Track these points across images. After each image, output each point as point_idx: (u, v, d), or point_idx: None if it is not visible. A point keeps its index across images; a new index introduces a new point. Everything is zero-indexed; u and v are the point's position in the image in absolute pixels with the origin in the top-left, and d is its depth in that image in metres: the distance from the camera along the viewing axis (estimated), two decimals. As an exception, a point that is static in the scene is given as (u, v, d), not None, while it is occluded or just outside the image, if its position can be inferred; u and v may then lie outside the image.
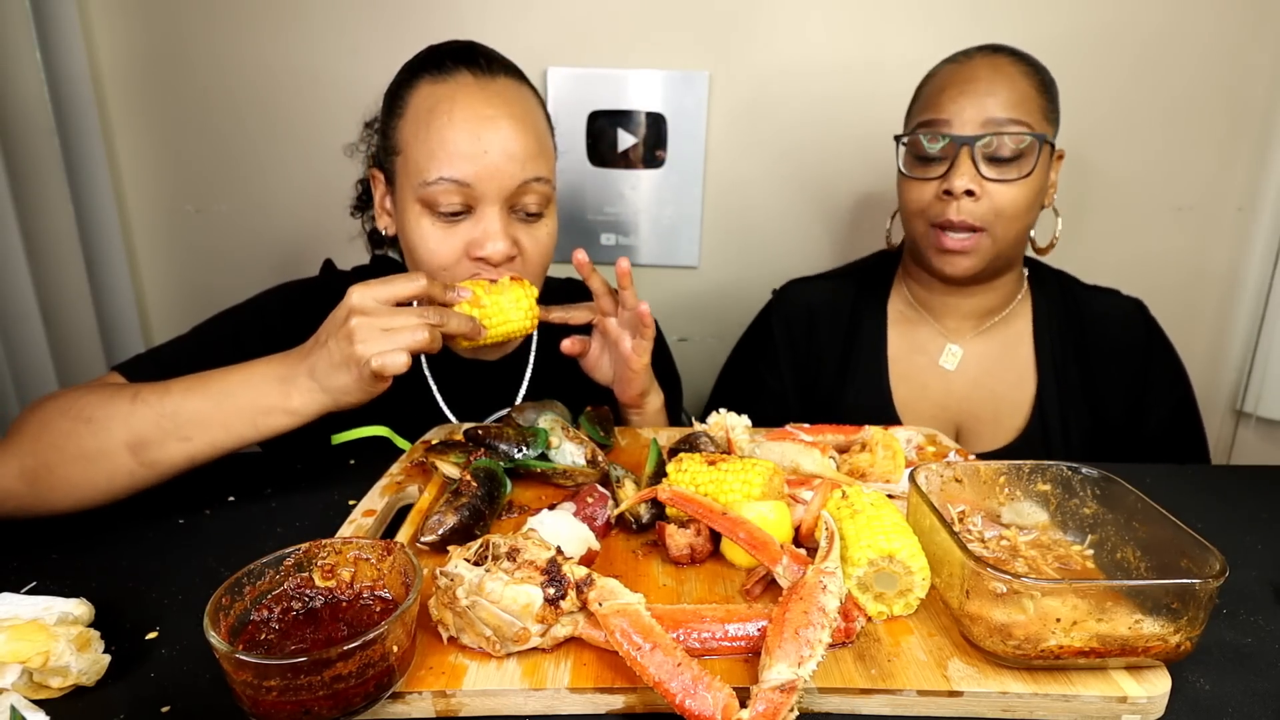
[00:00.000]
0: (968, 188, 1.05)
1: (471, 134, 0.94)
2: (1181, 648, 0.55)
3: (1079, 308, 1.22)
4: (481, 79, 0.98)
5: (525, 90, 1.03)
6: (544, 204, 1.01)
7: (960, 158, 1.06)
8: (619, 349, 1.04)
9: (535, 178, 0.98)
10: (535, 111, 1.02)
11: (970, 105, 1.06)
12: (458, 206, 0.96)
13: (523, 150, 0.96)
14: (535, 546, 0.60)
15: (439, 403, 1.13)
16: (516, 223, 1.00)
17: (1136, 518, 0.65)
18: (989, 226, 1.08)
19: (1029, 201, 1.08)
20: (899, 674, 0.57)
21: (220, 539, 0.81)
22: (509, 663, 0.58)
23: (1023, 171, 1.06)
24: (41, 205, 1.52)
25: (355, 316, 0.82)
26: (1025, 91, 1.07)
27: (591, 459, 0.88)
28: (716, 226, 1.73)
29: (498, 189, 0.96)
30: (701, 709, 0.49)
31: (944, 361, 1.22)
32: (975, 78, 1.08)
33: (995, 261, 1.12)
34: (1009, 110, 1.05)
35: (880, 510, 0.67)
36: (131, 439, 0.82)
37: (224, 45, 1.62)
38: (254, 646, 0.53)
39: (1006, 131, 1.04)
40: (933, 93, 1.12)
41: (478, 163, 0.94)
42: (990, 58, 1.09)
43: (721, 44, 1.61)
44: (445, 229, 0.98)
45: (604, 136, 1.66)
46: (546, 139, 1.03)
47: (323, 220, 1.72)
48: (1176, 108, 1.61)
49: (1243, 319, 1.74)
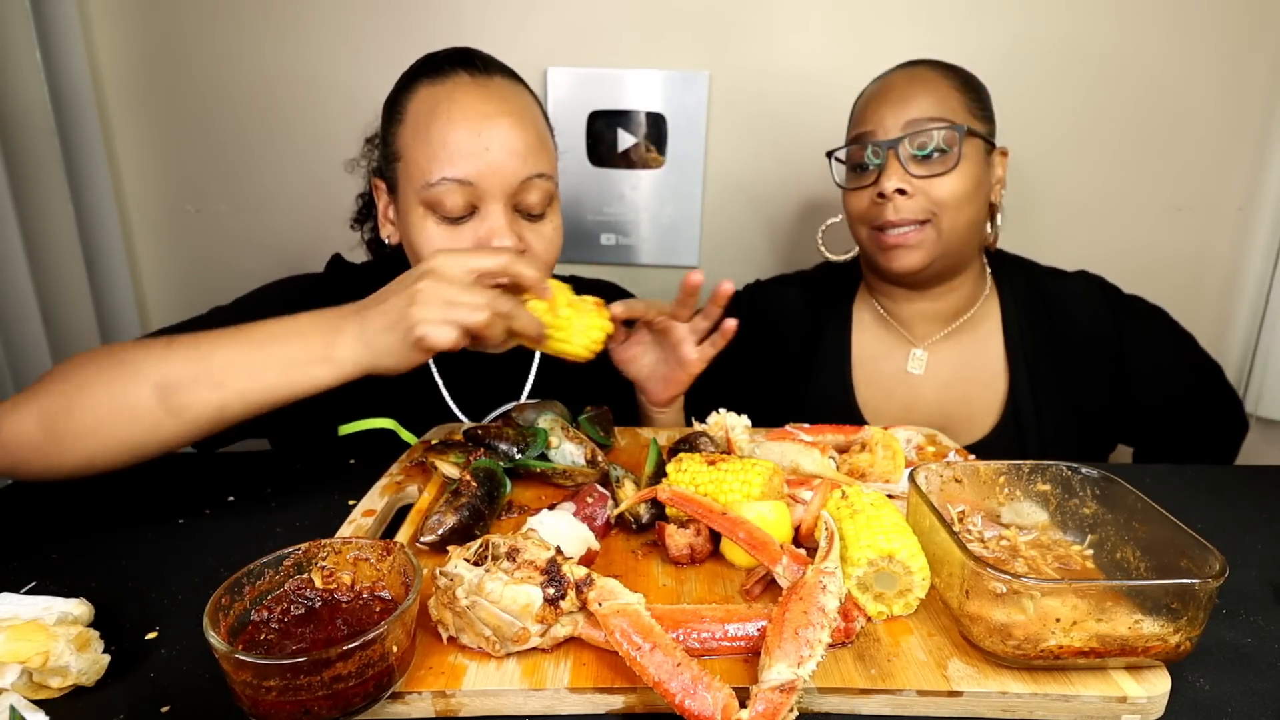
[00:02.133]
0: (898, 186, 1.08)
1: (471, 132, 0.94)
2: (1181, 648, 0.55)
3: (1044, 297, 1.23)
4: (479, 78, 0.98)
5: (522, 90, 1.03)
6: (547, 201, 1.01)
7: (888, 161, 1.10)
8: (679, 350, 1.02)
9: (538, 174, 0.97)
10: (534, 110, 1.02)
11: (890, 113, 1.10)
12: (461, 208, 0.96)
13: (524, 146, 0.96)
14: (535, 546, 0.60)
15: (444, 395, 1.13)
16: (522, 221, 1.00)
17: (1136, 518, 0.65)
18: (932, 218, 1.10)
19: (965, 192, 1.09)
20: (899, 674, 0.57)
21: (220, 539, 0.81)
22: (509, 663, 0.58)
23: (948, 165, 1.08)
24: (41, 205, 1.52)
25: (428, 279, 0.78)
26: (943, 92, 1.11)
27: (591, 459, 0.89)
28: (716, 226, 1.73)
29: (500, 186, 0.95)
30: (701, 709, 0.49)
31: (911, 367, 1.23)
32: (893, 86, 1.13)
33: (944, 257, 1.13)
34: (927, 110, 1.09)
35: (880, 510, 0.67)
36: (161, 380, 0.77)
37: (224, 46, 1.62)
38: (254, 646, 0.53)
39: (925, 128, 1.08)
40: (859, 109, 1.18)
41: (479, 160, 0.94)
42: (907, 69, 1.15)
43: (721, 44, 1.61)
44: (451, 232, 0.97)
45: (604, 136, 1.66)
46: (547, 137, 1.03)
47: (322, 220, 1.72)
48: (1177, 108, 1.61)
49: (1243, 319, 1.74)
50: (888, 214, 1.10)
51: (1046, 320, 1.21)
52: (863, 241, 1.19)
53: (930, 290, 1.20)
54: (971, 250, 1.17)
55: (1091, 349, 1.20)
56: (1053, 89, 1.59)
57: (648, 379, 1.07)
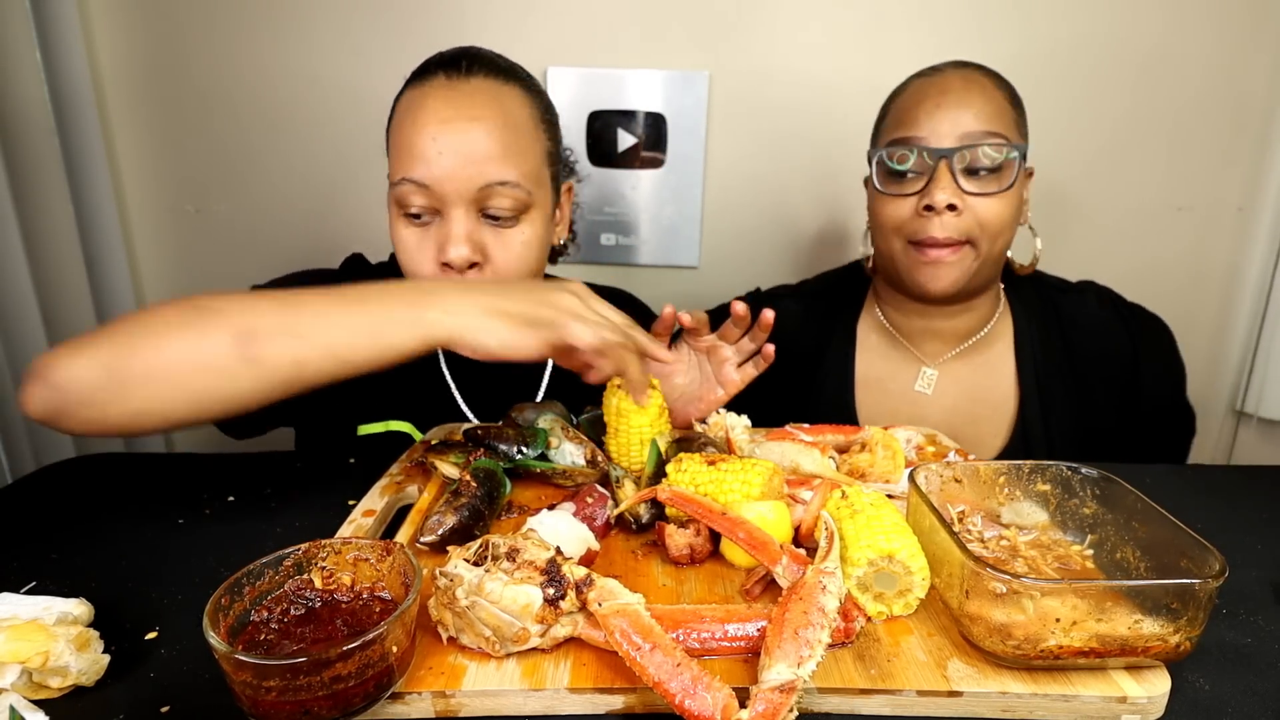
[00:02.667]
0: (950, 202, 1.02)
1: (428, 136, 0.93)
2: (1181, 648, 0.55)
3: (1056, 313, 1.19)
4: (454, 80, 0.97)
5: (508, 91, 0.99)
6: (518, 209, 0.98)
7: (939, 171, 1.02)
8: (721, 370, 1.00)
9: (499, 181, 0.95)
10: (511, 114, 0.98)
11: (946, 119, 1.03)
12: (424, 209, 0.96)
13: (481, 153, 0.94)
14: (535, 547, 0.60)
15: (457, 400, 1.13)
16: (487, 228, 0.98)
17: (1136, 518, 0.65)
18: (974, 240, 1.05)
19: (1010, 216, 1.05)
20: (898, 674, 0.57)
21: (220, 539, 0.81)
22: (508, 663, 0.58)
23: (1003, 184, 1.03)
24: (41, 205, 1.52)
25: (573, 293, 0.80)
26: (1000, 104, 1.04)
27: (591, 459, 0.89)
28: (716, 226, 1.73)
29: (456, 192, 0.94)
30: (701, 709, 0.49)
31: (919, 386, 1.18)
32: (948, 89, 1.04)
33: (976, 279, 1.08)
34: (985, 123, 1.02)
35: (880, 510, 0.67)
36: (242, 326, 0.72)
37: (224, 45, 1.62)
38: (253, 647, 0.53)
39: (985, 143, 1.01)
40: (905, 108, 1.08)
41: (433, 165, 0.93)
42: (962, 71, 1.07)
43: (721, 44, 1.61)
44: (419, 232, 0.98)
45: (604, 136, 1.66)
46: (522, 142, 0.98)
47: (323, 220, 1.72)
48: (1176, 108, 1.61)
49: (1243, 319, 1.74)
50: (933, 229, 1.03)
51: (1059, 338, 1.17)
52: (894, 253, 1.10)
53: (948, 308, 1.15)
54: (997, 273, 1.13)
55: (1104, 367, 1.16)
56: (1052, 89, 1.59)
57: (679, 398, 1.03)
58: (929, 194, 1.02)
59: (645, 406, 0.88)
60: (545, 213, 1.03)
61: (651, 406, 0.89)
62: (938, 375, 1.17)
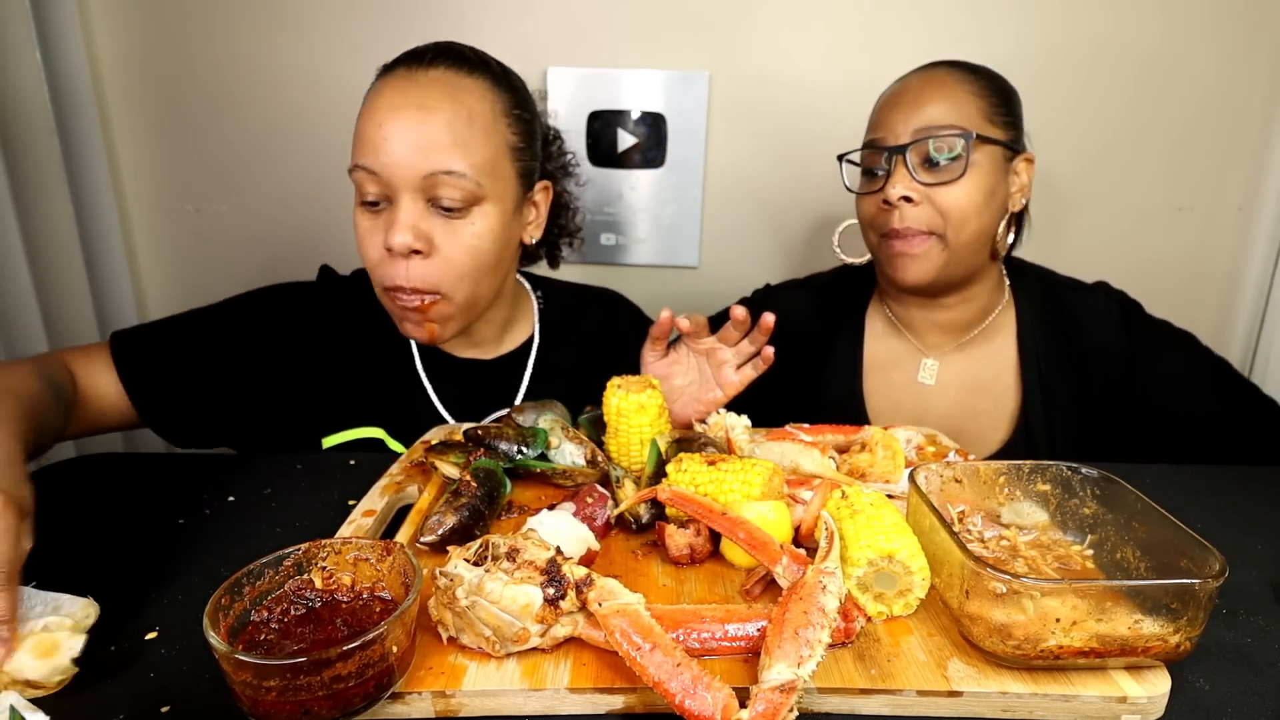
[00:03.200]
0: (903, 194, 1.06)
1: (376, 123, 0.95)
2: (1181, 648, 0.55)
3: (1060, 309, 1.20)
4: (413, 71, 0.98)
5: (469, 83, 0.98)
6: (468, 201, 0.97)
7: (895, 167, 1.07)
8: (720, 372, 1.01)
9: (444, 170, 0.94)
10: (466, 105, 0.96)
11: (902, 119, 1.08)
12: (376, 195, 0.97)
13: (426, 141, 0.94)
14: (535, 547, 0.60)
15: (434, 403, 1.13)
16: (436, 218, 0.97)
17: (1136, 518, 0.65)
18: (939, 230, 1.07)
19: (975, 203, 1.06)
20: (899, 674, 0.57)
21: (220, 539, 0.81)
22: (508, 663, 0.58)
23: (955, 173, 1.05)
24: (41, 205, 1.52)
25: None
26: (960, 97, 1.07)
27: (591, 459, 0.89)
28: (716, 226, 1.73)
29: (401, 180, 0.95)
30: (701, 709, 0.49)
31: (921, 377, 1.21)
32: (906, 90, 1.11)
33: (952, 267, 1.10)
34: (939, 117, 1.06)
35: (880, 510, 0.67)
36: None
37: (224, 45, 1.62)
38: (253, 647, 0.54)
39: (934, 135, 1.05)
40: (875, 112, 1.15)
41: (380, 151, 0.94)
42: (925, 72, 1.12)
43: (721, 44, 1.61)
44: (373, 219, 0.99)
45: (604, 136, 1.66)
46: (475, 134, 0.96)
47: (323, 220, 1.72)
48: (1177, 108, 1.61)
49: (1243, 319, 1.74)
50: (893, 221, 1.08)
51: (1062, 333, 1.18)
52: (872, 248, 1.17)
53: (942, 300, 1.17)
54: (983, 260, 1.14)
55: (1105, 366, 1.17)
56: (1052, 89, 1.59)
57: (678, 399, 1.04)
58: (885, 189, 1.08)
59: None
60: (503, 208, 1.01)
61: (652, 407, 0.89)
62: (939, 366, 1.20)
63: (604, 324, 1.27)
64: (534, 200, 1.09)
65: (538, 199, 1.10)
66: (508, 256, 1.06)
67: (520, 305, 1.21)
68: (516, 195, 1.04)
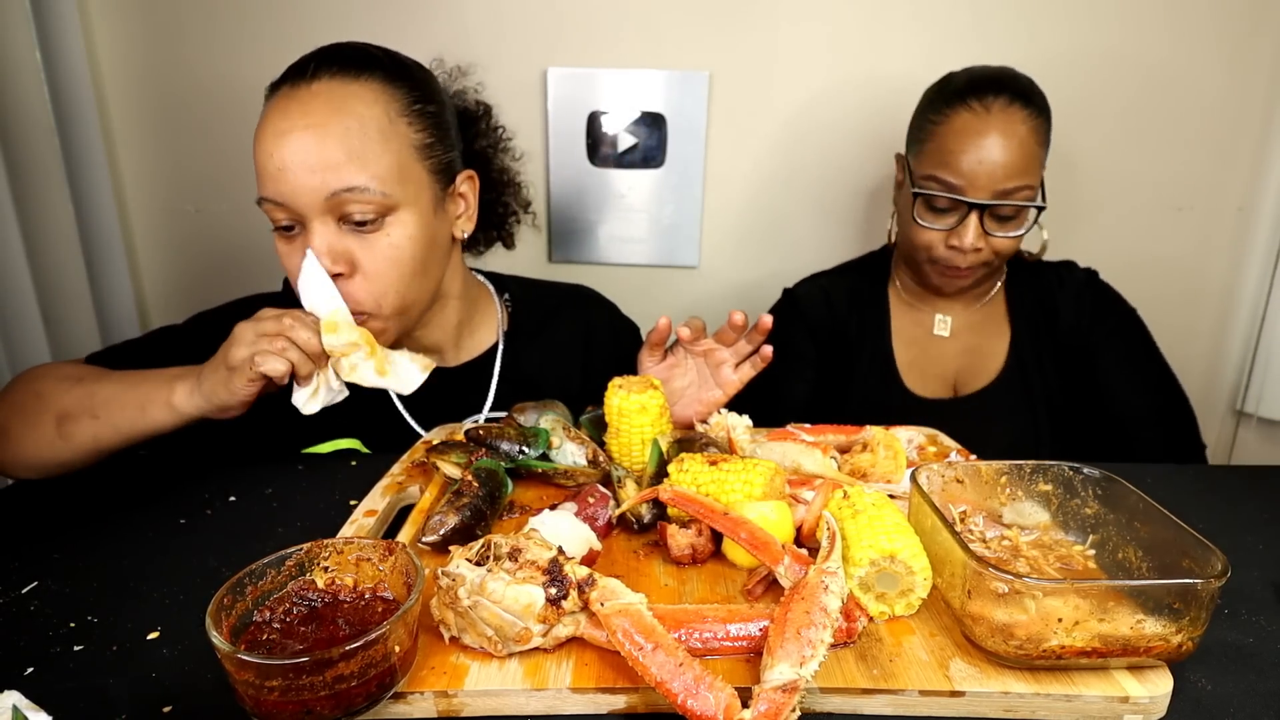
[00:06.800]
0: (976, 246, 1.16)
1: (267, 153, 0.90)
2: (1183, 648, 0.55)
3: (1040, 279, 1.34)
4: (296, 88, 0.92)
5: (355, 90, 0.93)
6: (380, 212, 0.92)
7: (970, 219, 1.15)
8: (719, 373, 1.01)
9: (346, 188, 0.89)
10: (356, 115, 0.91)
11: (984, 173, 1.13)
12: (287, 221, 0.93)
13: (321, 161, 0.88)
14: (537, 546, 0.60)
15: (402, 413, 1.10)
16: (351, 235, 0.93)
17: (1138, 518, 0.65)
18: (989, 263, 1.21)
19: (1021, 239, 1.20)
20: (901, 674, 0.57)
21: (222, 539, 0.81)
22: (511, 663, 0.58)
23: (1020, 228, 1.18)
24: (41, 205, 1.52)
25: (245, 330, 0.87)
26: (1033, 151, 1.14)
27: (593, 459, 0.89)
28: (716, 226, 1.73)
29: (306, 204, 0.90)
30: (703, 709, 0.49)
31: (938, 330, 1.35)
32: (987, 141, 1.13)
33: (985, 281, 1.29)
34: (1018, 178, 1.13)
35: (882, 510, 0.67)
36: (60, 411, 0.91)
37: (224, 45, 1.62)
38: (256, 646, 0.53)
39: (1013, 202, 1.14)
40: (948, 147, 1.16)
41: (277, 181, 0.90)
42: (1004, 117, 1.13)
43: (721, 44, 1.61)
44: (289, 243, 0.95)
45: (604, 136, 1.66)
46: (370, 143, 0.91)
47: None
48: (1177, 108, 1.61)
49: (1243, 319, 1.74)
50: (956, 260, 1.19)
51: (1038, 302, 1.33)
52: (918, 261, 1.26)
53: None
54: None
55: (1070, 336, 1.31)
56: (1052, 89, 1.57)
57: (679, 400, 1.04)
58: (959, 236, 1.17)
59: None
60: (419, 210, 0.96)
61: (653, 407, 0.89)
62: (951, 320, 1.36)
63: (578, 325, 1.25)
64: (458, 193, 1.04)
65: (463, 190, 1.05)
66: (436, 257, 1.01)
67: (480, 308, 1.18)
68: (434, 194, 0.99)
